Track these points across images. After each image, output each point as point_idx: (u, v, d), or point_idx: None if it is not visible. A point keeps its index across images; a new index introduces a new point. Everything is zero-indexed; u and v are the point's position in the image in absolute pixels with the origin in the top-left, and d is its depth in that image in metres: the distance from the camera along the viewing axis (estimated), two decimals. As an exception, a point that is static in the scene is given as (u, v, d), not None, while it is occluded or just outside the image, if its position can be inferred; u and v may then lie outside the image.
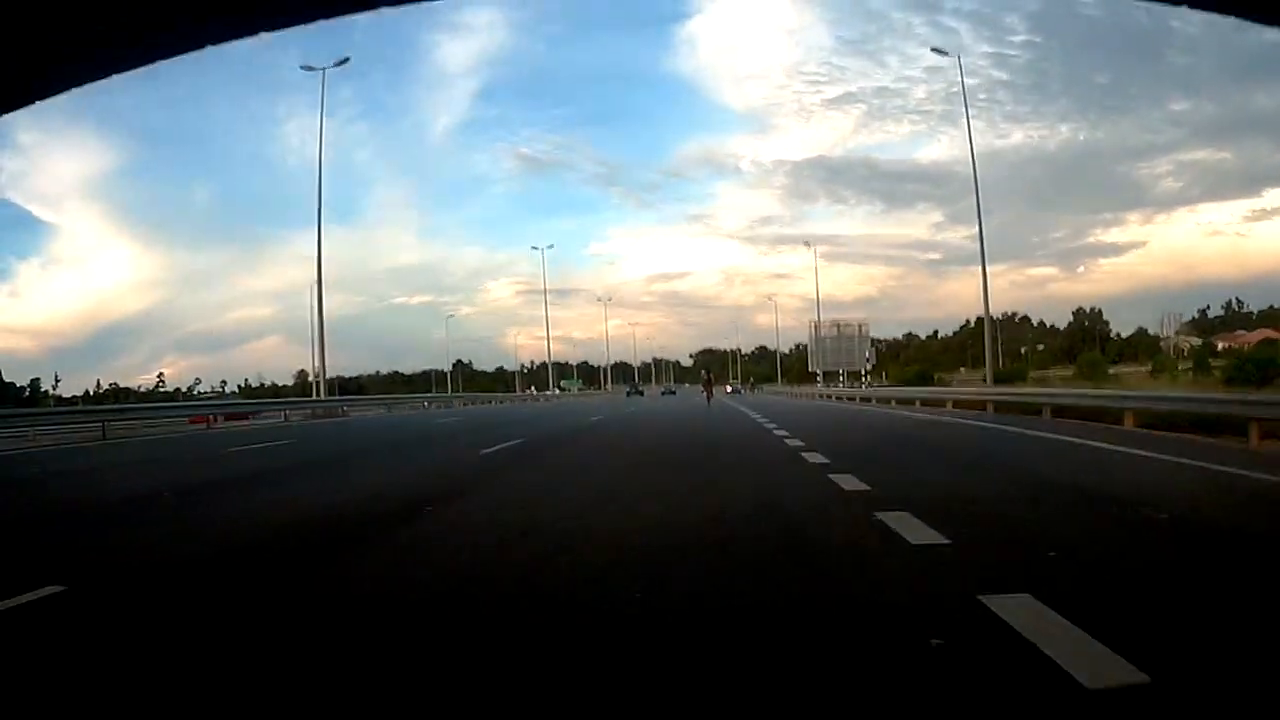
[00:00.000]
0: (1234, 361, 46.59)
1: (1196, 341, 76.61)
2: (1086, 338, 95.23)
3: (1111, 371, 59.47)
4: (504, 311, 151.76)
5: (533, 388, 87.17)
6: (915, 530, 4.44)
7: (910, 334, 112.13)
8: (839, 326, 51.46)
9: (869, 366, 51.05)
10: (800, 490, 6.57)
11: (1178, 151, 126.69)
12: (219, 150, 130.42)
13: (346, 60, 33.96)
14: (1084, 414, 14.77)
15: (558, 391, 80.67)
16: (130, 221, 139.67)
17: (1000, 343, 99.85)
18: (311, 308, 46.30)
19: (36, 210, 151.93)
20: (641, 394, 74.10)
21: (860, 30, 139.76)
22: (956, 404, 22.04)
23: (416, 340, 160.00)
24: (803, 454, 9.35)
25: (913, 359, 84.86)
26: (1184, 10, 3.95)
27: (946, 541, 4.17)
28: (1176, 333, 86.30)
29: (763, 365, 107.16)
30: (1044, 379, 44.46)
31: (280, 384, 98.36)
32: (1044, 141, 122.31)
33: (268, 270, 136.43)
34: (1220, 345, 67.86)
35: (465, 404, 47.69)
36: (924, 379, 43.09)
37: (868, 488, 6.23)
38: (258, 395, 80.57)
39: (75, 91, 4.41)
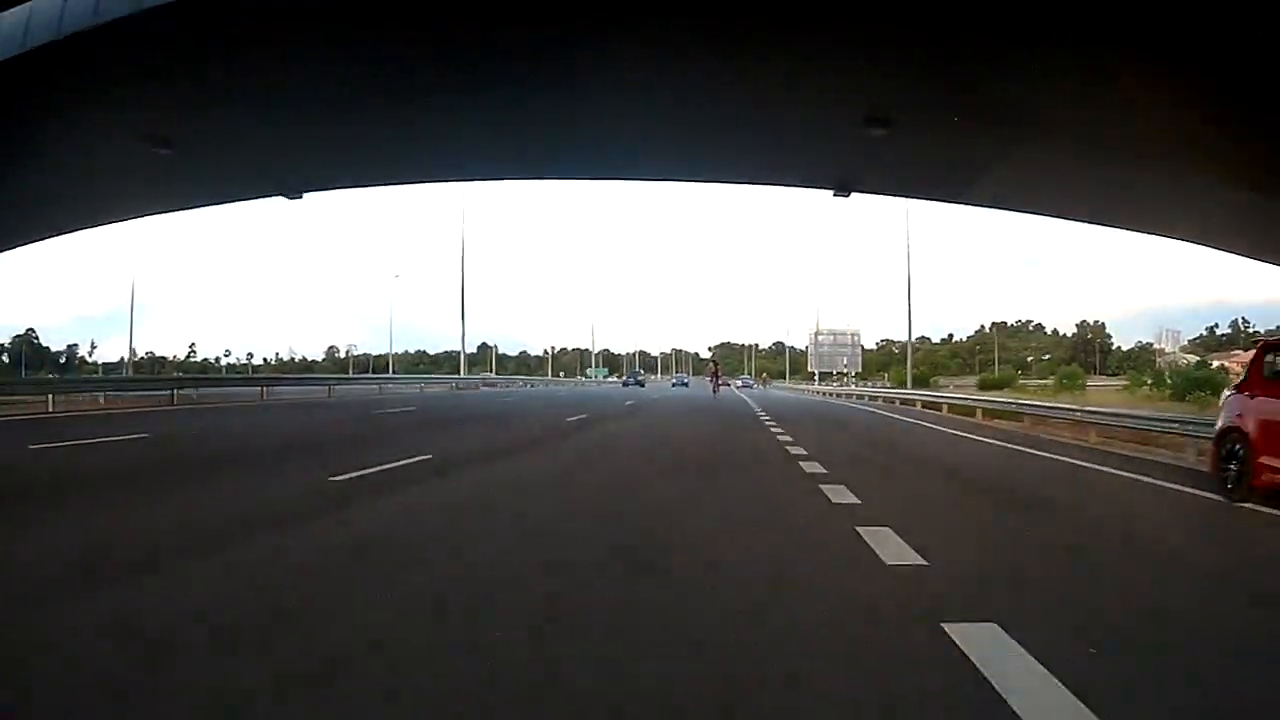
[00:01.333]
0: (1176, 381, 58.27)
1: (1192, 359, 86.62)
2: (1087, 350, 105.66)
3: (1092, 384, 70.19)
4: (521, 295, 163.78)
5: (572, 373, 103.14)
6: (777, 428, 16.77)
7: (924, 337, 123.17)
8: (834, 334, 63.66)
9: (855, 370, 63.24)
10: (749, 424, 18.84)
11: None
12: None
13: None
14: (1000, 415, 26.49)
15: (596, 378, 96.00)
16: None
17: (1002, 350, 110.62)
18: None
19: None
20: (641, 385, 63.52)
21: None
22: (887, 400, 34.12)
23: (435, 319, 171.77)
24: (759, 414, 21.63)
25: (921, 363, 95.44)
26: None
27: (778, 426, 16.44)
28: (1179, 348, 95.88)
29: (779, 361, 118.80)
30: (1021, 389, 56.09)
31: (311, 359, 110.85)
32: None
33: (289, 240, 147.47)
34: (1215, 363, 78.08)
35: (544, 385, 57.15)
36: (921, 383, 54.92)
37: (768, 415, 18.48)
38: (289, 369, 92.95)
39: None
